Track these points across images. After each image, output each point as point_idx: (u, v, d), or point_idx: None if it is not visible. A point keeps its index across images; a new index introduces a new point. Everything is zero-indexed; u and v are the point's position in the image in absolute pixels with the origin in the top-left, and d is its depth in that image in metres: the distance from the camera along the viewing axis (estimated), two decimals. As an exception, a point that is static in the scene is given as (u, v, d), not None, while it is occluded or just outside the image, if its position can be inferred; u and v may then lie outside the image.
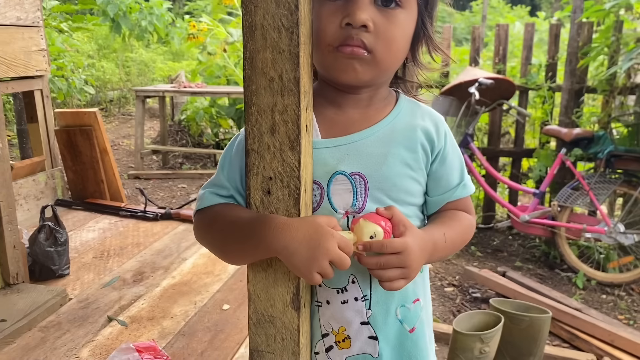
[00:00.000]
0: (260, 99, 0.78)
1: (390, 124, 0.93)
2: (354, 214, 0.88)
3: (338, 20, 0.83)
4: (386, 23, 0.85)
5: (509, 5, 17.80)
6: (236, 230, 0.85)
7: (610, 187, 3.55)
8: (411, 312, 0.94)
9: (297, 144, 0.78)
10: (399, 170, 0.90)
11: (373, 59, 0.85)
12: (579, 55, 3.95)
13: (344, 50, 0.83)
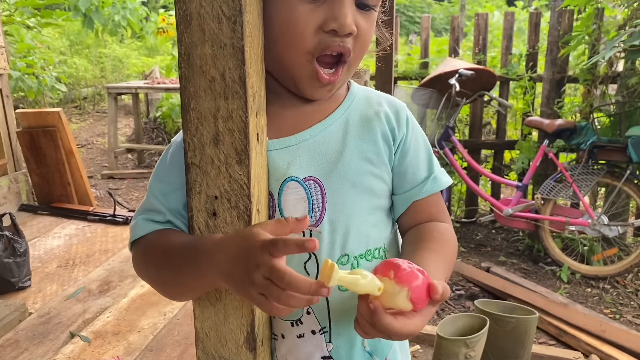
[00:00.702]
0: (200, 104, 0.65)
1: (344, 115, 0.81)
2: (311, 228, 0.76)
3: (318, 22, 0.71)
4: (366, 26, 0.75)
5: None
6: (170, 260, 0.72)
7: (593, 179, 3.48)
8: (382, 341, 0.82)
9: (246, 157, 0.66)
10: (358, 167, 0.78)
11: (348, 68, 0.77)
12: (560, 44, 3.87)
13: (322, 78, 0.74)
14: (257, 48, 0.67)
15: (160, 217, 0.77)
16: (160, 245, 0.74)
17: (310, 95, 0.77)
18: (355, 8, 0.73)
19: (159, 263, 0.74)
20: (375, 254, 0.80)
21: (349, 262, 0.78)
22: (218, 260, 0.65)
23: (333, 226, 0.77)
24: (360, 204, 0.78)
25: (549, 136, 3.66)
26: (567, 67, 3.95)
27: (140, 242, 0.77)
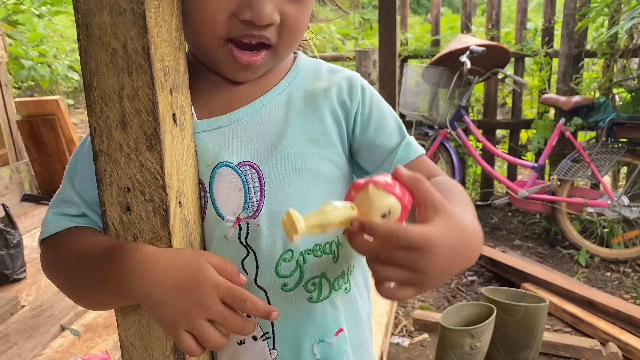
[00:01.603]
0: (103, 81, 0.56)
1: (285, 91, 0.71)
2: (248, 221, 0.66)
3: (232, 7, 0.61)
4: (295, 13, 0.64)
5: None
6: (85, 271, 0.63)
7: (612, 158, 3.31)
8: (334, 348, 0.72)
9: (157, 142, 0.56)
10: (302, 149, 0.68)
11: (273, 53, 0.67)
12: (577, 17, 3.67)
13: (240, 59, 0.64)
14: (168, 14, 0.57)
15: (75, 209, 0.68)
16: (74, 251, 0.65)
17: (232, 77, 0.68)
18: None
19: (71, 273, 0.66)
20: (326, 249, 0.70)
21: (293, 259, 0.68)
22: (146, 281, 0.56)
23: (273, 218, 0.67)
24: (305, 192, 0.68)
25: (565, 114, 3.49)
26: (585, 41, 3.76)
27: (51, 240, 0.69)
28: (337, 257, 0.71)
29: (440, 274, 0.54)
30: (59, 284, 0.69)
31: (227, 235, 0.67)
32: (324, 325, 0.71)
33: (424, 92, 4.06)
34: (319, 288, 0.70)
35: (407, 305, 2.95)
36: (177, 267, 0.57)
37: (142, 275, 0.56)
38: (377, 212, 0.53)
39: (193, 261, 0.57)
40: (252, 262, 0.68)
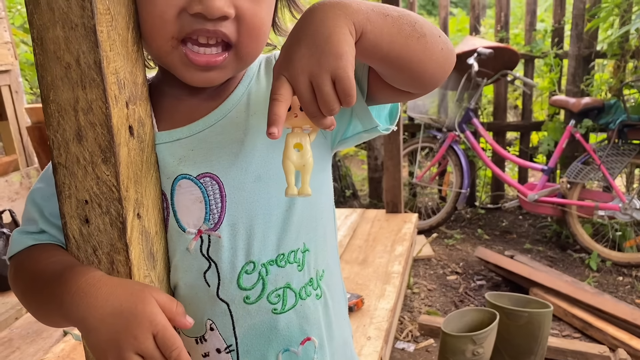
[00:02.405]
0: (58, 95, 0.57)
1: (244, 96, 0.70)
2: (209, 233, 0.66)
3: (182, 2, 0.59)
4: (251, 6, 0.62)
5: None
6: (37, 290, 0.64)
7: (624, 160, 3.26)
8: (300, 356, 0.72)
9: (112, 155, 0.57)
10: (262, 156, 0.67)
11: (236, 55, 0.64)
12: (587, 17, 3.62)
13: (196, 61, 0.61)
14: (123, 28, 0.58)
15: (34, 226, 0.69)
16: (29, 270, 0.66)
17: (192, 82, 0.65)
18: None
19: (27, 290, 0.67)
20: (290, 258, 0.69)
21: (255, 270, 0.68)
22: (83, 306, 0.56)
23: (234, 229, 0.67)
24: (267, 200, 0.68)
25: (575, 116, 3.45)
26: (595, 42, 3.70)
27: (14, 258, 0.70)
28: (302, 265, 0.71)
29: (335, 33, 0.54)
30: (20, 300, 0.70)
31: (189, 247, 0.67)
32: (289, 335, 0.70)
33: (432, 94, 4.03)
34: (283, 299, 0.69)
35: (414, 310, 2.93)
36: (119, 295, 0.57)
37: (83, 298, 0.56)
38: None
39: (137, 292, 0.57)
40: (214, 275, 0.67)
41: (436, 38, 0.63)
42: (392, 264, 2.30)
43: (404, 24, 0.60)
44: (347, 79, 0.52)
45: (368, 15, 0.57)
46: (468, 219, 4.14)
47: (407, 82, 0.64)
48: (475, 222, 4.09)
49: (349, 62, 0.53)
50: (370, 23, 0.57)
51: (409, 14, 0.61)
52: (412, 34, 0.60)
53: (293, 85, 0.54)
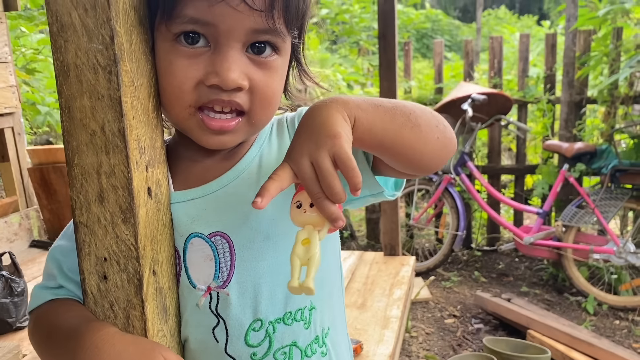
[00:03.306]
0: (83, 159, 0.60)
1: (256, 158, 0.74)
2: (218, 290, 0.69)
3: (199, 75, 0.64)
4: (264, 78, 0.66)
5: (516, 15, 17.61)
6: (53, 342, 0.66)
7: (617, 204, 3.31)
8: None
9: (132, 215, 0.60)
10: (272, 215, 0.71)
11: (248, 121, 0.68)
12: (578, 65, 3.74)
13: (211, 125, 0.65)
14: (144, 97, 0.62)
15: (53, 282, 0.73)
16: (46, 323, 0.69)
17: (207, 144, 0.69)
18: (248, 56, 0.65)
19: (43, 343, 0.69)
20: (297, 316, 0.72)
21: (262, 328, 0.70)
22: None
23: (242, 287, 0.70)
24: (276, 259, 0.70)
25: (569, 160, 3.51)
26: (586, 89, 3.81)
27: (34, 312, 0.73)
28: (309, 323, 0.73)
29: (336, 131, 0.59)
30: (37, 352, 0.72)
31: (198, 303, 0.70)
32: None
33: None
34: (289, 356, 0.71)
35: (412, 355, 2.91)
36: (131, 353, 0.59)
37: (96, 354, 0.59)
38: None
39: (148, 351, 0.60)
40: (222, 331, 0.70)
41: (432, 128, 0.68)
42: (391, 308, 2.31)
43: (398, 114, 0.65)
44: (345, 154, 0.57)
45: (359, 104, 0.63)
46: (465, 261, 4.16)
47: (404, 167, 0.69)
48: (472, 264, 4.11)
49: (344, 140, 0.58)
50: (362, 111, 0.62)
51: (404, 105, 0.67)
52: (405, 124, 0.65)
53: (295, 170, 0.59)
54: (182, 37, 0.63)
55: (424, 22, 13.06)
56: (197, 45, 0.63)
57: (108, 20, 0.56)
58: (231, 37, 0.63)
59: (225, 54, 0.63)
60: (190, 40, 0.63)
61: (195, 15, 0.61)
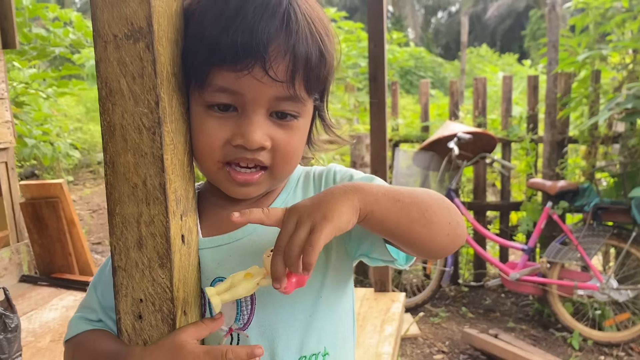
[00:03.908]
0: (124, 209, 0.67)
1: (281, 207, 0.80)
2: (239, 332, 0.75)
3: (226, 135, 0.71)
4: (285, 138, 0.74)
5: (497, 54, 18.09)
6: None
7: (599, 241, 3.41)
8: None
9: (168, 260, 0.66)
10: None
11: (270, 174, 0.75)
12: (559, 106, 3.89)
13: (237, 178, 0.73)
14: (181, 154, 0.69)
15: (94, 315, 0.79)
16: (87, 351, 0.75)
17: (232, 194, 0.76)
18: (271, 119, 0.73)
19: None
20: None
21: None
22: None
23: (261, 330, 0.75)
24: (293, 305, 0.76)
25: (552, 198, 3.62)
26: (567, 129, 3.96)
27: (72, 341, 0.78)
28: None
29: (334, 213, 0.64)
30: None
31: (220, 343, 0.75)
32: None
33: (415, 174, 4.21)
34: None
35: (401, 390, 2.93)
36: (160, 355, 0.66)
37: None
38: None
39: (173, 342, 0.66)
40: None
41: (444, 225, 0.72)
42: (382, 344, 2.35)
43: (414, 210, 0.69)
44: (316, 238, 0.62)
45: (378, 198, 0.67)
46: (452, 297, 4.21)
47: (412, 253, 0.75)
48: (460, 300, 4.16)
49: (330, 227, 0.62)
50: (378, 205, 0.67)
51: (423, 201, 0.71)
52: (419, 220, 0.70)
53: (284, 219, 0.65)
54: (214, 105, 0.71)
55: (408, 60, 13.38)
56: (226, 111, 0.71)
57: (154, 87, 0.63)
58: (256, 104, 0.70)
59: (251, 119, 0.70)
60: (222, 107, 0.71)
61: (225, 85, 0.69)
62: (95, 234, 6.11)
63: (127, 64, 0.63)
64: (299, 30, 0.69)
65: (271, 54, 0.68)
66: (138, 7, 0.62)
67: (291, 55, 0.69)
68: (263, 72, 0.68)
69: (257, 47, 0.66)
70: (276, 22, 0.68)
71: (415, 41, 23.76)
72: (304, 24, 0.70)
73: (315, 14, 0.74)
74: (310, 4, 0.74)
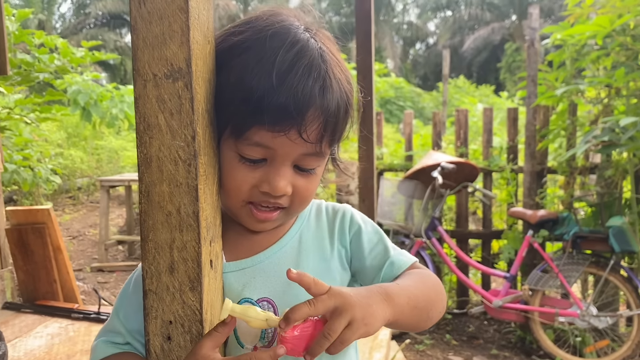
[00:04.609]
0: (157, 235, 0.71)
1: (297, 235, 0.87)
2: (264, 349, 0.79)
3: (254, 181, 0.78)
4: (305, 184, 0.81)
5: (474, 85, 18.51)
6: None
7: (579, 269, 3.50)
8: None
9: (198, 284, 0.70)
10: None
11: (287, 213, 0.83)
12: (538, 137, 4.03)
13: (258, 216, 0.80)
14: (212, 184, 0.74)
15: (120, 338, 0.81)
16: None
17: (252, 228, 0.83)
18: (294, 170, 0.79)
19: None
20: None
21: None
22: None
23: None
24: None
25: (533, 227, 3.72)
26: (547, 160, 4.09)
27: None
28: None
29: (373, 317, 0.72)
30: None
31: None
32: None
33: (399, 202, 4.29)
34: None
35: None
36: None
37: None
38: None
39: (194, 355, 0.70)
40: None
41: (437, 315, 0.85)
42: (372, 370, 2.37)
43: (424, 312, 0.82)
44: (348, 341, 0.69)
45: (403, 310, 0.77)
46: (436, 324, 4.25)
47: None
48: (444, 327, 4.20)
49: (362, 333, 0.70)
50: (402, 315, 0.77)
51: (434, 304, 0.85)
52: (422, 317, 0.82)
53: (336, 314, 0.69)
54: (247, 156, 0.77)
55: (389, 90, 13.64)
56: (257, 162, 0.77)
57: (191, 122, 0.68)
58: (285, 158, 0.77)
59: (278, 170, 0.77)
60: (253, 159, 0.77)
61: (261, 142, 0.74)
62: (75, 260, 6.04)
63: (165, 101, 0.68)
64: (333, 93, 0.75)
65: (308, 119, 0.73)
66: (178, 49, 0.67)
67: (324, 118, 0.75)
68: (297, 135, 0.74)
69: (298, 113, 0.72)
70: (317, 86, 0.73)
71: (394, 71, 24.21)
72: (336, 85, 0.76)
73: (343, 68, 0.80)
74: (337, 58, 0.79)
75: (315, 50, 0.75)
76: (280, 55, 0.72)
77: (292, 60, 0.72)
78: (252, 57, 0.73)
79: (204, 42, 0.71)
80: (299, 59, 0.73)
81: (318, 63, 0.74)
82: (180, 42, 0.68)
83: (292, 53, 0.73)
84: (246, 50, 0.74)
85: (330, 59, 0.77)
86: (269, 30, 0.75)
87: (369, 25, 2.84)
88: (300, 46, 0.74)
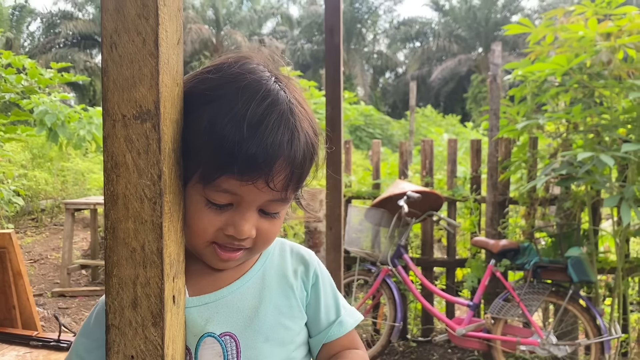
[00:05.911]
0: (121, 271, 0.73)
1: (260, 271, 0.90)
2: None
3: (220, 224, 0.80)
4: (268, 227, 0.84)
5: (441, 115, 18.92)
6: None
7: (539, 298, 3.59)
8: None
9: (161, 319, 0.72)
10: (272, 321, 0.86)
11: (250, 252, 0.85)
12: (500, 169, 4.15)
13: (222, 255, 0.82)
14: (176, 221, 0.76)
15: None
16: None
17: (215, 266, 0.86)
18: (259, 214, 0.82)
19: None
20: None
21: None
22: None
23: None
24: (272, 358, 0.84)
25: (495, 256, 3.80)
26: (508, 190, 4.21)
27: None
28: None
29: None
30: None
31: None
32: None
33: (366, 230, 4.34)
34: None
35: None
36: None
37: None
38: None
39: None
40: None
41: None
42: (335, 400, 2.37)
43: None
44: None
45: None
46: (401, 352, 4.28)
47: None
48: (408, 355, 4.23)
49: None
50: None
51: None
52: None
53: None
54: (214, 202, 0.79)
55: (358, 118, 13.84)
56: (223, 207, 0.80)
57: (158, 162, 0.71)
58: (251, 204, 0.80)
59: (244, 214, 0.80)
60: (220, 204, 0.80)
61: (228, 189, 0.77)
62: (36, 284, 5.88)
63: (133, 141, 0.71)
64: (300, 145, 0.78)
65: (275, 169, 0.76)
66: (147, 92, 0.70)
67: (290, 169, 0.78)
68: (265, 184, 0.77)
69: (267, 164, 0.75)
70: (285, 138, 0.76)
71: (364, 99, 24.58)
72: (304, 137, 0.79)
73: (310, 118, 0.83)
74: (305, 109, 0.82)
75: (285, 103, 0.78)
76: (252, 109, 0.75)
77: (263, 114, 0.75)
78: (224, 106, 0.76)
79: (172, 85, 0.75)
80: (270, 112, 0.76)
81: (287, 117, 0.77)
82: (149, 85, 0.71)
83: (263, 107, 0.76)
84: (218, 98, 0.77)
85: (298, 112, 0.80)
86: (241, 82, 0.77)
87: (338, 58, 2.91)
88: (271, 100, 0.77)
